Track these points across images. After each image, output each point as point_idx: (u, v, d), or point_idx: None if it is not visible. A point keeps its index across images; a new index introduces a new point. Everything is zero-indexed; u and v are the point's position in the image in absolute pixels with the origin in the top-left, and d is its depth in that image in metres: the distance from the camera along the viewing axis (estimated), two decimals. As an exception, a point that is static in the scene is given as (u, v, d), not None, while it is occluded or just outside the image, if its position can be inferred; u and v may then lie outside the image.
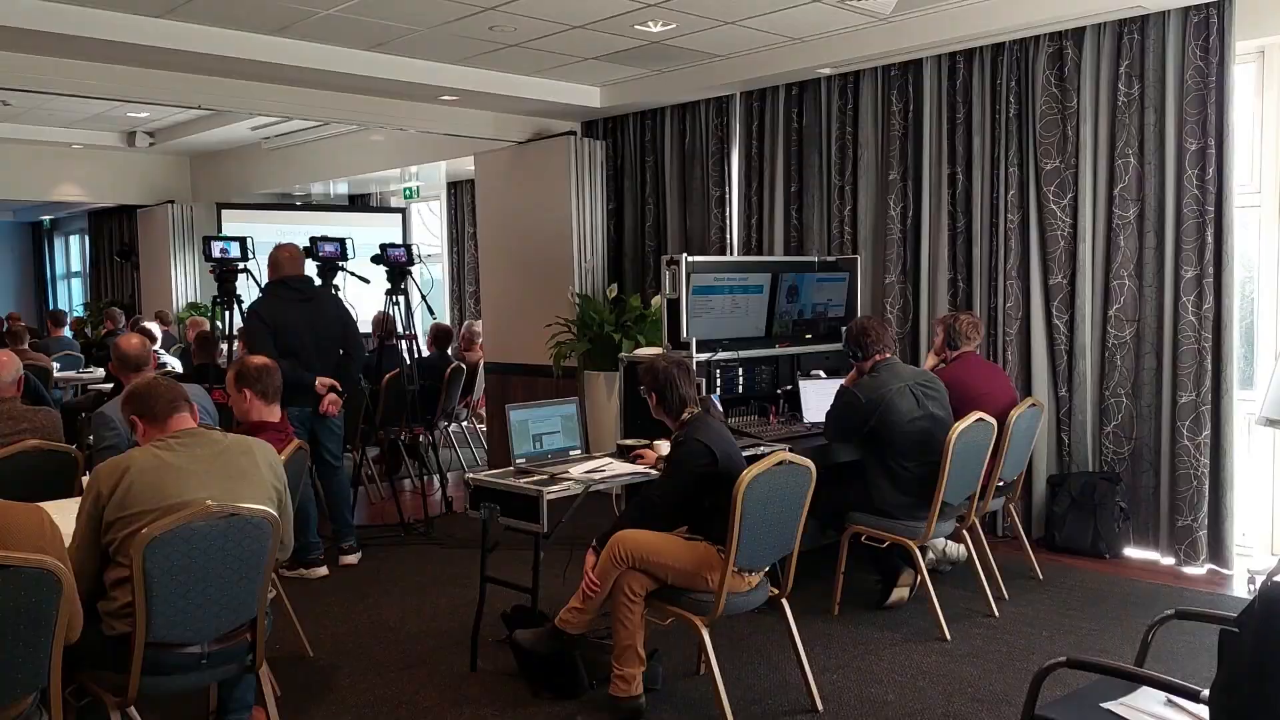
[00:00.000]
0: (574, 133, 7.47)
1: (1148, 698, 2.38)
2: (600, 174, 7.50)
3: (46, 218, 15.53)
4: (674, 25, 5.50)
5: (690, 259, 5.04)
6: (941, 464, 4.15)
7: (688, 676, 3.80)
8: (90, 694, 2.79)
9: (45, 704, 2.46)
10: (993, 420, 4.36)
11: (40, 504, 2.51)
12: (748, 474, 3.21)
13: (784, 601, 3.54)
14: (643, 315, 6.75)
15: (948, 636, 4.13)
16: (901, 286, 6.05)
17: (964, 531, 4.57)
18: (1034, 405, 4.79)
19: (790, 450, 3.59)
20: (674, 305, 5.04)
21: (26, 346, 7.57)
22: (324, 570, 5.16)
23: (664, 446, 4.07)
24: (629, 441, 4.27)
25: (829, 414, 4.52)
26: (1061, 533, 5.33)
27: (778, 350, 5.40)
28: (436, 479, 7.00)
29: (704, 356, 4.96)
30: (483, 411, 8.50)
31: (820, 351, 5.56)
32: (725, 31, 5.66)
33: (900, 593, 4.50)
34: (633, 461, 4.10)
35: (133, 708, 2.82)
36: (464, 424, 8.46)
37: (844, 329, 5.03)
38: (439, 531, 6.07)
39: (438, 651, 4.11)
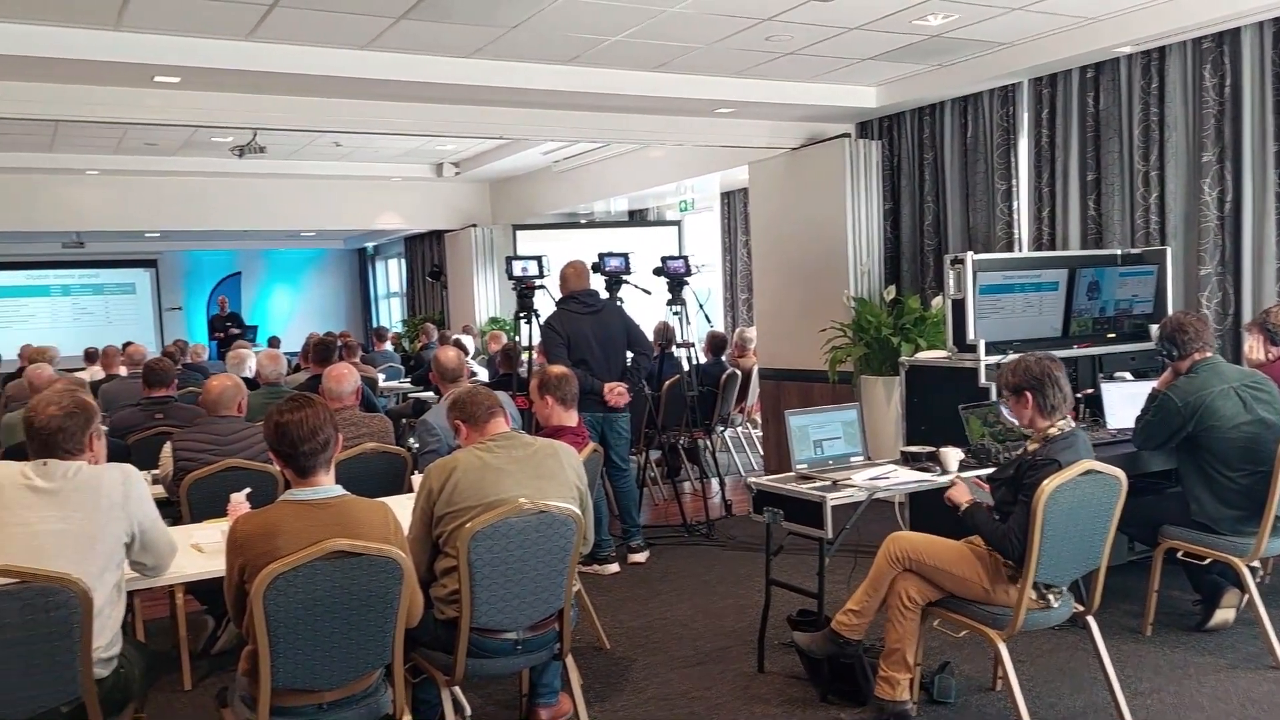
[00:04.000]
0: (848, 135, 7.39)
1: None
2: (875, 174, 7.36)
3: (370, 244, 17.45)
4: (956, 16, 5.32)
5: (976, 257, 4.86)
6: (1273, 474, 3.74)
7: (983, 691, 3.67)
8: (423, 672, 3.11)
9: (388, 679, 2.79)
10: (1338, 426, 3.87)
11: (381, 499, 2.84)
12: (1049, 484, 3.04)
13: (1090, 619, 3.34)
14: (922, 317, 6.55)
15: (1284, 665, 3.72)
16: (1219, 278, 5.48)
17: None
18: (1391, 409, 4.19)
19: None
20: (959, 306, 4.88)
21: (358, 360, 8.51)
22: (615, 567, 5.45)
23: (951, 455, 3.95)
24: (913, 449, 4.18)
25: (1139, 419, 4.18)
26: None
27: (1076, 351, 5.08)
28: (715, 482, 7.17)
29: (993, 359, 4.76)
30: (757, 416, 8.59)
31: (1125, 352, 5.19)
32: (1012, 18, 5.39)
33: (1224, 614, 4.10)
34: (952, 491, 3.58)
35: (458, 688, 3.12)
36: (739, 429, 8.59)
37: (1155, 326, 4.65)
38: (719, 533, 6.21)
39: (726, 650, 4.22)
